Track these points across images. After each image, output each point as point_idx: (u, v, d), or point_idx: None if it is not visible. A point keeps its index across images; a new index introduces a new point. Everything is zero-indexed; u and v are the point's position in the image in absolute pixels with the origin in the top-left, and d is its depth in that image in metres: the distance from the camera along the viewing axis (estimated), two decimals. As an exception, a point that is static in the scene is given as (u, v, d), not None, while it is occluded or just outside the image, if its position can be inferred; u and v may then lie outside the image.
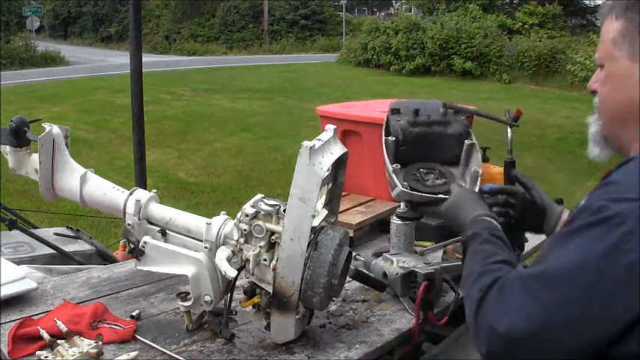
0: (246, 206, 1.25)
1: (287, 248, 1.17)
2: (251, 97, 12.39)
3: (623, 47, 0.95)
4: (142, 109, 2.93)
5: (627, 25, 0.95)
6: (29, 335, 1.25)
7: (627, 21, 0.95)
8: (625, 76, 0.95)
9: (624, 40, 0.95)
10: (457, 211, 1.19)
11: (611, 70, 0.98)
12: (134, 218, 1.37)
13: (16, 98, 11.46)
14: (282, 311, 1.22)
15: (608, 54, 0.98)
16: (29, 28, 22.45)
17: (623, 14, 0.96)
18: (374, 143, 2.13)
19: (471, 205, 1.18)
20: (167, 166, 6.96)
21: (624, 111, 0.96)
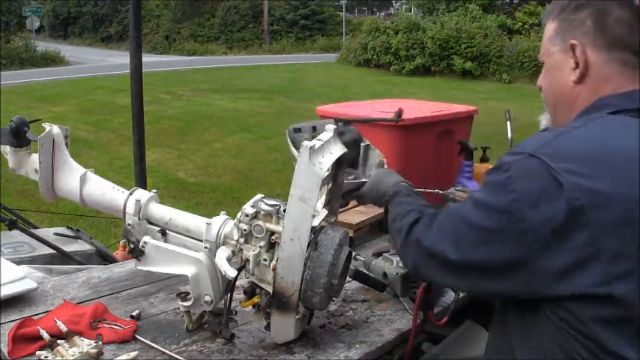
0: (246, 206, 1.25)
1: (287, 248, 1.17)
2: (251, 97, 12.39)
3: (556, 42, 1.10)
4: (142, 109, 2.93)
5: (560, 24, 1.10)
6: (29, 335, 1.25)
7: (560, 21, 1.10)
8: (559, 67, 1.09)
9: (557, 37, 1.10)
10: (378, 187, 1.37)
11: (548, 64, 1.13)
12: (134, 218, 1.37)
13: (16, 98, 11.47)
14: (282, 311, 1.22)
15: (545, 51, 1.13)
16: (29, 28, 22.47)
17: (557, 16, 1.11)
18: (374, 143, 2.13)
19: (387, 178, 1.38)
20: (167, 166, 6.96)
21: (561, 98, 1.10)
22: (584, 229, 0.85)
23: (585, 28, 1.05)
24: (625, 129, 0.96)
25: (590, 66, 1.05)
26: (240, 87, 13.87)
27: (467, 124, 2.40)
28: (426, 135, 2.20)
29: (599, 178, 0.87)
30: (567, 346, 0.89)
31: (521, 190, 0.90)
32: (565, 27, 1.08)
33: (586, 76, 1.05)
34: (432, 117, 2.23)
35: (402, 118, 1.76)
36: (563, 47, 1.08)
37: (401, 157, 2.13)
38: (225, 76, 15.97)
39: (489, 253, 0.94)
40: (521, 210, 0.89)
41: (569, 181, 0.86)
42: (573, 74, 1.07)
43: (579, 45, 1.05)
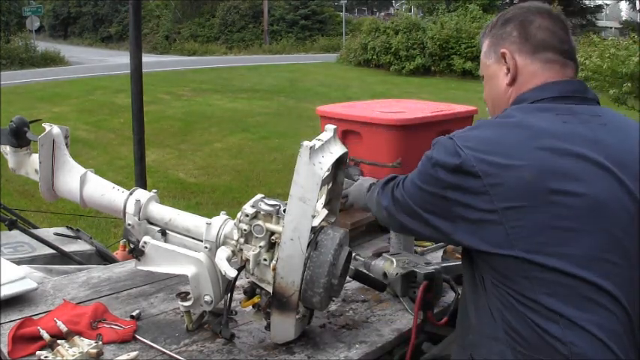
0: (246, 206, 1.25)
1: (287, 248, 1.17)
2: (251, 97, 12.39)
3: (490, 56, 1.28)
4: (142, 109, 2.94)
5: (492, 39, 1.28)
6: (29, 335, 1.25)
7: (491, 36, 1.28)
8: (495, 76, 1.27)
9: (490, 50, 1.28)
10: (361, 186, 1.56)
11: (488, 75, 1.30)
12: (134, 218, 1.37)
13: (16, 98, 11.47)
14: (282, 311, 1.22)
15: (483, 65, 1.31)
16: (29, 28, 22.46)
17: (489, 33, 1.30)
18: (374, 143, 2.13)
19: (368, 180, 1.58)
20: (167, 166, 6.96)
21: (499, 100, 1.26)
22: (481, 193, 1.06)
23: (512, 38, 1.23)
24: (527, 113, 1.14)
25: (519, 69, 1.22)
26: (240, 87, 13.87)
27: (467, 124, 2.39)
28: (426, 135, 2.20)
29: (492, 154, 1.07)
30: (504, 300, 1.06)
31: (437, 157, 1.15)
32: (496, 40, 1.27)
33: (516, 78, 1.23)
34: (432, 117, 2.23)
35: (400, 165, 1.99)
36: (496, 58, 1.26)
37: (401, 157, 2.13)
38: (225, 76, 15.97)
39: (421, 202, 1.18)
40: (437, 171, 1.13)
41: (467, 154, 1.09)
42: (506, 78, 1.24)
43: (508, 52, 1.23)
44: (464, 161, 1.09)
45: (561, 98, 1.17)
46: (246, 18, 28.18)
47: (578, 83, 1.21)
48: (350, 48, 20.28)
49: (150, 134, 5.11)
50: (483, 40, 1.32)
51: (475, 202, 1.07)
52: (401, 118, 2.15)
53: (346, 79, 15.79)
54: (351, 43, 20.76)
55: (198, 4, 29.15)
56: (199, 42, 27.61)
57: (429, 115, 2.24)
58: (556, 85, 1.18)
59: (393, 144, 2.11)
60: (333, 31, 28.19)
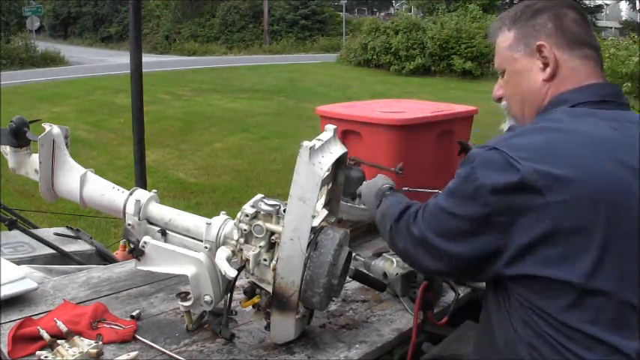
0: (246, 206, 1.25)
1: (287, 248, 1.17)
2: (251, 97, 12.39)
3: (519, 49, 1.17)
4: (142, 109, 2.93)
5: (519, 31, 1.17)
6: (29, 335, 1.25)
7: (518, 28, 1.18)
8: (527, 70, 1.16)
9: (519, 43, 1.17)
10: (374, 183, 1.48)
11: (514, 69, 1.19)
12: (134, 218, 1.37)
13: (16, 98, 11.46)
14: (282, 311, 1.22)
15: (507, 59, 1.20)
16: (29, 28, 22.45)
17: (513, 25, 1.19)
18: (374, 143, 2.13)
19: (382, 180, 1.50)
20: (167, 166, 6.96)
21: (531, 96, 1.16)
22: (541, 210, 0.94)
23: (548, 30, 1.14)
24: (576, 118, 1.06)
25: (559, 63, 1.13)
26: (240, 87, 13.86)
27: (467, 124, 2.40)
28: (426, 135, 2.20)
29: (553, 164, 0.95)
30: (530, 321, 0.98)
31: (485, 177, 0.99)
32: (526, 32, 1.16)
33: (556, 73, 1.13)
34: (432, 117, 2.23)
35: (402, 171, 1.95)
36: (528, 51, 1.16)
37: (401, 157, 2.13)
38: (225, 76, 15.96)
39: (464, 242, 1.03)
40: (483, 194, 0.98)
41: (526, 166, 0.95)
42: (543, 73, 1.14)
43: (547, 45, 1.13)
44: (524, 176, 0.94)
45: (600, 102, 1.09)
46: (246, 18, 28.17)
47: (613, 86, 1.15)
48: (350, 48, 20.27)
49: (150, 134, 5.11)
50: (502, 34, 1.21)
51: (529, 225, 0.94)
52: (401, 118, 2.15)
53: (346, 79, 15.78)
54: (351, 43, 20.75)
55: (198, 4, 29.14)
56: (199, 42, 27.59)
57: (429, 115, 2.24)
58: (596, 88, 1.11)
59: (393, 144, 2.11)
60: (333, 31, 28.18)
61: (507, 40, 1.19)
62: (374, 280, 1.48)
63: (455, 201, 1.04)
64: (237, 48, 26.96)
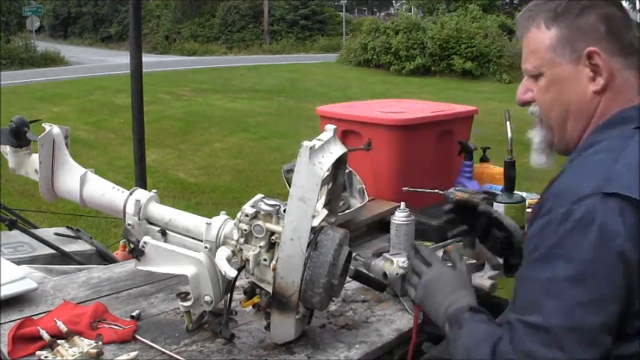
0: (246, 206, 1.25)
1: (287, 248, 1.17)
2: (251, 97, 12.39)
3: (564, 53, 1.02)
4: (142, 109, 2.93)
5: (564, 31, 1.01)
6: (29, 335, 1.25)
7: (563, 28, 1.01)
8: (572, 78, 1.02)
9: (565, 46, 1.01)
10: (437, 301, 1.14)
11: (554, 76, 1.03)
12: (134, 218, 1.37)
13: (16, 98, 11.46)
14: (282, 311, 1.22)
15: (547, 62, 1.03)
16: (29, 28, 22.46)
17: (555, 22, 1.02)
18: (374, 143, 2.13)
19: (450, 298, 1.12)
20: (167, 166, 6.96)
21: (576, 108, 1.03)
22: None
23: (599, 34, 0.99)
24: None
25: (614, 75, 0.99)
26: (240, 87, 13.86)
27: (467, 124, 2.40)
28: (426, 135, 2.20)
29: None
30: None
31: (617, 238, 0.81)
32: (574, 33, 1.00)
33: (608, 85, 0.99)
34: (432, 117, 2.23)
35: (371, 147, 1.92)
36: (574, 57, 1.01)
37: (401, 157, 2.13)
38: (225, 76, 15.96)
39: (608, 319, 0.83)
40: (628, 259, 0.81)
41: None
42: (593, 84, 1.00)
43: (602, 53, 0.98)
44: None
45: None
46: (246, 18, 28.17)
47: None
48: (350, 48, 20.27)
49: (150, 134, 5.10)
50: (537, 30, 1.04)
51: None
52: (401, 118, 2.15)
53: (346, 79, 15.78)
54: (351, 43, 20.75)
55: (198, 4, 29.15)
56: (199, 42, 27.60)
57: (429, 115, 2.24)
58: None
59: (393, 144, 2.11)
60: (333, 31, 28.18)
61: (547, 40, 1.03)
62: (374, 280, 1.48)
63: (591, 285, 0.82)
64: (237, 48, 26.96)
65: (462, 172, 2.25)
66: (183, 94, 12.66)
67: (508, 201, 1.95)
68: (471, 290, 1.14)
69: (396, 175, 2.12)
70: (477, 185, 2.23)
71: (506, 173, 2.03)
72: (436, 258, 1.21)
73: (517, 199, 1.96)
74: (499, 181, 2.20)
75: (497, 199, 1.97)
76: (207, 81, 14.91)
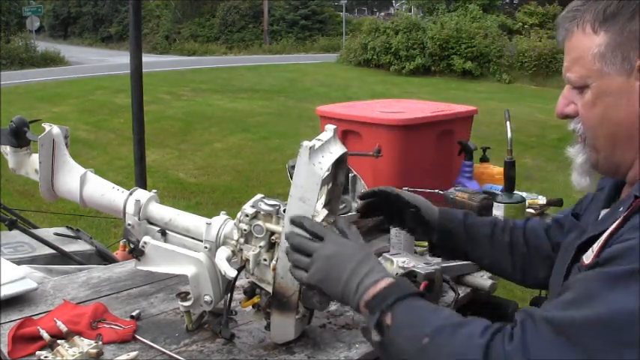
0: (245, 206, 1.25)
1: (287, 248, 1.17)
2: (251, 97, 12.39)
3: (615, 62, 0.88)
4: (142, 109, 2.94)
5: (615, 37, 0.88)
6: (29, 335, 1.24)
7: (613, 33, 0.88)
8: (623, 93, 0.88)
9: (615, 54, 0.88)
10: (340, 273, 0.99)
11: (603, 89, 0.90)
12: (134, 218, 1.37)
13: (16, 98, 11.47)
14: (282, 311, 1.22)
15: (595, 72, 0.90)
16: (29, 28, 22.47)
17: (604, 26, 0.89)
18: (374, 143, 2.13)
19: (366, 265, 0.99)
20: (167, 166, 6.96)
21: (628, 129, 0.89)
22: None
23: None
24: None
25: None
26: (240, 87, 13.87)
27: (467, 124, 2.40)
28: (426, 135, 2.21)
29: None
30: None
31: None
32: (625, 40, 0.87)
33: None
34: (432, 117, 2.23)
35: (381, 154, 1.86)
36: (626, 67, 0.87)
37: (401, 157, 2.13)
38: (225, 76, 15.97)
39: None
40: None
41: None
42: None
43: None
44: None
45: None
46: (246, 18, 28.18)
47: None
48: (350, 48, 20.28)
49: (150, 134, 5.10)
50: (582, 34, 0.92)
51: None
52: (401, 118, 2.15)
53: (346, 79, 15.79)
54: (351, 43, 20.75)
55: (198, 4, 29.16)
56: (199, 42, 27.61)
57: (429, 115, 2.24)
58: None
59: (393, 144, 2.11)
60: (333, 31, 28.19)
61: (595, 46, 0.90)
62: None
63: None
64: (237, 48, 26.98)
65: (462, 172, 2.25)
66: (183, 94, 12.66)
67: (508, 201, 1.95)
68: (377, 260, 1.02)
69: (396, 175, 2.12)
70: (477, 185, 2.23)
71: (506, 173, 2.03)
72: (327, 229, 1.09)
73: (517, 199, 1.97)
74: (499, 181, 2.20)
75: (497, 199, 1.97)
76: (207, 81, 14.91)
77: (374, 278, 0.96)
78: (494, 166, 2.36)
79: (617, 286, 0.74)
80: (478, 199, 1.77)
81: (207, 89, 13.46)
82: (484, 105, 9.38)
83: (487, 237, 1.36)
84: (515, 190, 2.03)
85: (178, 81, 14.77)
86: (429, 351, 0.85)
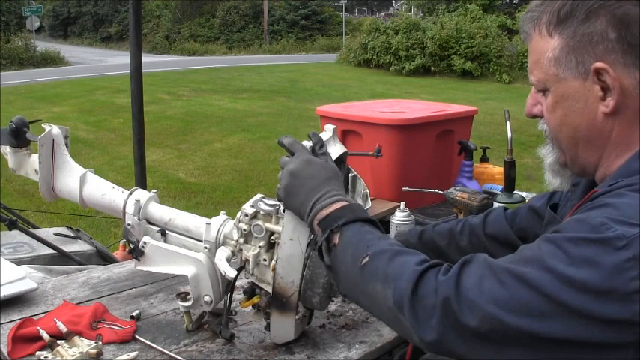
0: (245, 206, 1.25)
1: (286, 248, 1.17)
2: (251, 97, 12.40)
3: (569, 66, 0.87)
4: (142, 109, 2.94)
5: (568, 40, 0.86)
6: (29, 335, 1.25)
7: (567, 36, 0.86)
8: (579, 98, 0.87)
9: (569, 59, 0.86)
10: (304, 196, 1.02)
11: (560, 93, 0.89)
12: (134, 218, 1.37)
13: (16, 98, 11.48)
14: (282, 311, 1.22)
15: (551, 76, 0.90)
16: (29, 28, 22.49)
17: (558, 29, 0.87)
18: (374, 143, 2.13)
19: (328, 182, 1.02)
20: (167, 166, 6.96)
21: (587, 133, 0.89)
22: None
23: (608, 44, 0.83)
24: None
25: (626, 93, 0.84)
26: (240, 87, 13.87)
27: (467, 124, 2.40)
28: (426, 135, 2.20)
29: None
30: None
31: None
32: (578, 44, 0.85)
33: (622, 106, 0.84)
34: (432, 117, 2.23)
35: (381, 154, 1.84)
36: (581, 71, 0.86)
37: (401, 157, 2.13)
38: (225, 76, 15.98)
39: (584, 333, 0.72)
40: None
41: None
42: (603, 105, 0.85)
43: (609, 69, 0.83)
44: None
45: None
46: (246, 18, 28.21)
47: None
48: (350, 48, 20.28)
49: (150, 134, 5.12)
50: (539, 38, 0.91)
51: None
52: (401, 118, 2.15)
53: (346, 79, 15.79)
54: (351, 43, 20.76)
55: (198, 4, 29.19)
56: (199, 42, 27.64)
57: (429, 115, 2.24)
58: None
59: (393, 144, 2.11)
60: (333, 31, 28.21)
61: (549, 50, 0.89)
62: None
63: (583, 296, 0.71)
64: (237, 48, 27.00)
65: (462, 172, 2.25)
66: (183, 94, 12.67)
67: (508, 201, 1.95)
68: (339, 184, 1.03)
69: (396, 175, 2.12)
70: (477, 185, 2.23)
71: (506, 173, 2.03)
72: (301, 147, 1.09)
73: (517, 199, 1.97)
74: (499, 181, 2.20)
75: (497, 199, 1.97)
76: (207, 81, 14.92)
77: (330, 200, 0.99)
78: (494, 166, 2.36)
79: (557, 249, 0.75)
80: (478, 199, 1.77)
81: (207, 89, 13.47)
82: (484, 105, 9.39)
83: (446, 246, 1.39)
84: (515, 190, 2.03)
85: (178, 81, 14.78)
86: (366, 271, 0.88)
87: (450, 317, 0.77)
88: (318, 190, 1.01)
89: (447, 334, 0.77)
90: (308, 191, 1.01)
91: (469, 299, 0.76)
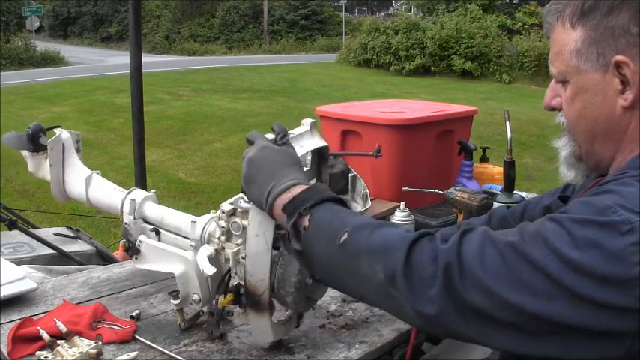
0: (224, 204, 1.22)
1: (253, 245, 1.12)
2: (251, 97, 12.39)
3: (590, 58, 0.87)
4: (142, 109, 2.93)
5: (590, 33, 0.87)
6: (29, 335, 1.25)
7: (589, 29, 0.87)
8: (599, 90, 0.87)
9: (590, 50, 0.87)
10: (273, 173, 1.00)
11: (580, 85, 0.90)
12: (130, 217, 1.40)
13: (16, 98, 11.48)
14: (257, 311, 1.18)
15: (572, 68, 0.90)
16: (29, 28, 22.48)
17: (581, 21, 0.88)
18: (374, 143, 2.13)
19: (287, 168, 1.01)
20: (167, 166, 6.96)
21: (605, 127, 0.89)
22: None
23: (630, 37, 0.83)
24: None
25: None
26: (240, 87, 13.87)
27: (467, 124, 2.40)
28: (426, 135, 2.20)
29: None
30: None
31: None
32: (601, 36, 0.86)
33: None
34: (432, 117, 2.23)
35: (381, 154, 1.83)
36: (602, 64, 0.86)
37: (401, 157, 2.13)
38: (225, 76, 15.98)
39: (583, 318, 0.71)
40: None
41: None
42: (622, 98, 0.86)
43: (630, 63, 0.83)
44: None
45: None
46: (246, 18, 28.21)
47: None
48: (350, 48, 20.28)
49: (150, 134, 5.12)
50: (562, 29, 0.91)
51: None
52: (401, 118, 2.15)
53: (346, 79, 15.79)
54: (351, 43, 20.76)
55: (198, 4, 29.19)
56: (199, 42, 27.64)
57: (429, 115, 2.24)
58: None
59: (393, 144, 2.11)
60: (333, 31, 28.21)
61: (571, 41, 0.89)
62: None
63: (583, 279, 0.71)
64: (237, 48, 27.00)
65: (462, 172, 2.25)
66: (183, 94, 12.67)
67: (508, 201, 1.95)
68: (299, 169, 1.02)
69: (396, 175, 2.12)
70: (477, 185, 2.23)
71: (505, 173, 2.03)
72: (260, 136, 1.09)
73: (517, 199, 1.97)
74: (499, 181, 2.20)
75: (497, 199, 1.97)
76: (207, 81, 14.92)
77: (288, 184, 0.96)
78: (494, 166, 2.36)
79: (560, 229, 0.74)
80: (478, 199, 1.77)
81: (207, 89, 13.47)
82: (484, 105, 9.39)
83: None
84: (515, 190, 2.03)
85: (178, 81, 14.78)
86: (346, 248, 0.84)
87: (451, 287, 0.75)
88: (275, 174, 0.99)
89: (447, 305, 0.75)
90: (266, 176, 0.99)
91: (471, 271, 0.74)
